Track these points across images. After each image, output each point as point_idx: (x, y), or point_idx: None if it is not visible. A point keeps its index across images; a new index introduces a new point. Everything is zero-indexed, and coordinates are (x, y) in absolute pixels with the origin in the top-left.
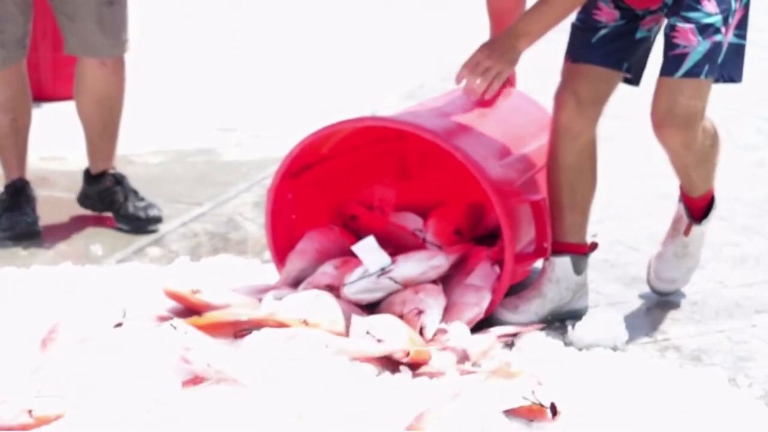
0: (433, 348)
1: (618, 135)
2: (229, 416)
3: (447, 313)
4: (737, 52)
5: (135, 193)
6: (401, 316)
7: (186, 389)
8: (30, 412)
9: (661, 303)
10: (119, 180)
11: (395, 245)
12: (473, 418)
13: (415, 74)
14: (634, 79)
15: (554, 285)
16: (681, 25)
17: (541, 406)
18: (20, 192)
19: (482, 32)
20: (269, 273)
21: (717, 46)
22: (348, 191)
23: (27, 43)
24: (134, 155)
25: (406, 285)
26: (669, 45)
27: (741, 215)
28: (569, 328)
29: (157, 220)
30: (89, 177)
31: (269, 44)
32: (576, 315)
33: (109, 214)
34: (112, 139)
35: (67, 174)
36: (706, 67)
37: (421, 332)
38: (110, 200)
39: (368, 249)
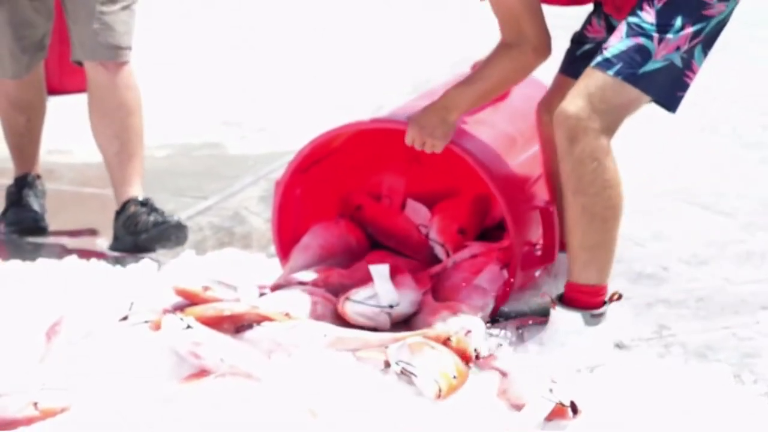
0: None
1: (622, 131)
2: (239, 411)
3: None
4: (674, 75)
5: (158, 210)
6: (448, 338)
7: (190, 383)
8: (35, 404)
9: (666, 299)
10: (144, 203)
11: (398, 239)
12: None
13: (418, 71)
14: None
15: (552, 280)
16: (619, 25)
17: (562, 405)
18: (29, 186)
19: (483, 29)
20: (274, 267)
21: (640, 49)
22: (358, 180)
23: (47, 43)
24: None
25: (393, 322)
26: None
27: (746, 212)
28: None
29: (177, 225)
30: (116, 214)
31: (270, 43)
32: None
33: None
34: (132, 161)
35: (73, 167)
36: (619, 66)
37: (476, 353)
38: (134, 223)
39: (384, 278)
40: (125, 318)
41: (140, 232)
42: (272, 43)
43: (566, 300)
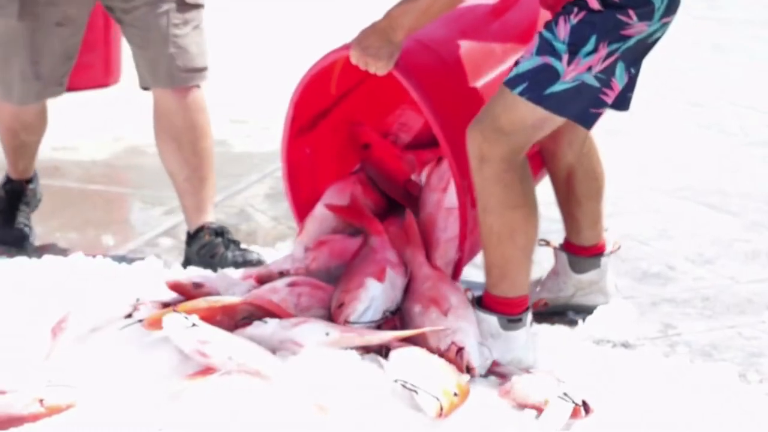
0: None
1: (626, 129)
2: (245, 408)
3: (429, 255)
4: (587, 94)
5: (236, 243)
6: (440, 353)
7: (195, 380)
8: (41, 401)
9: (671, 298)
10: (219, 232)
11: (401, 190)
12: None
13: None
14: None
15: (554, 275)
16: (532, 41)
17: (576, 405)
18: (20, 196)
19: None
20: None
21: (547, 69)
22: (374, 121)
23: (65, 81)
24: (146, 146)
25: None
26: None
27: (752, 211)
28: (580, 322)
29: (258, 263)
30: (188, 237)
31: (275, 42)
32: (584, 310)
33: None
34: (204, 186)
35: (79, 164)
36: (524, 85)
37: (469, 370)
38: (210, 254)
39: (377, 293)
40: (129, 315)
41: (218, 267)
42: (277, 42)
43: (484, 304)
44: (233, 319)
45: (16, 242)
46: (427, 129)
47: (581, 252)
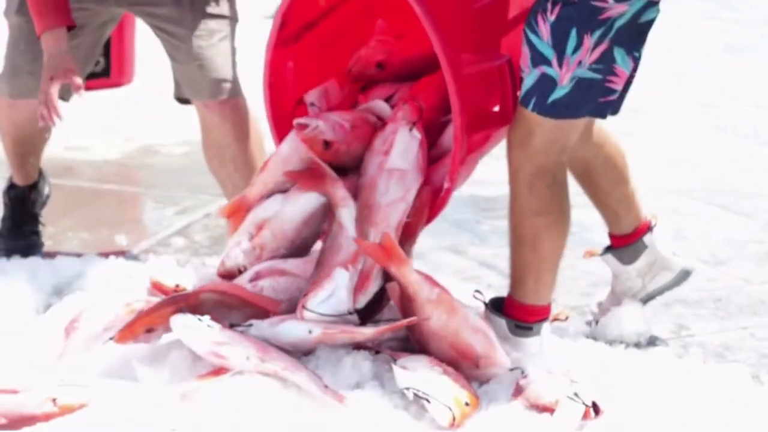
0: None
1: (638, 130)
2: (260, 408)
3: (369, 221)
4: (590, 88)
5: None
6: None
7: (207, 380)
8: (54, 400)
9: (684, 299)
10: None
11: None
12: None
13: None
14: None
15: (615, 279)
16: (523, 46)
17: (586, 406)
18: (24, 202)
19: None
20: None
21: (546, 78)
22: (358, 42)
23: (68, 98)
24: (159, 145)
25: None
26: None
27: (765, 212)
28: (593, 322)
29: None
30: None
31: None
32: (664, 290)
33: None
34: None
35: (92, 163)
36: (534, 100)
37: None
38: None
39: (342, 285)
40: None
41: None
42: None
43: (503, 306)
44: (201, 310)
45: (26, 252)
46: (414, 60)
47: (625, 241)
